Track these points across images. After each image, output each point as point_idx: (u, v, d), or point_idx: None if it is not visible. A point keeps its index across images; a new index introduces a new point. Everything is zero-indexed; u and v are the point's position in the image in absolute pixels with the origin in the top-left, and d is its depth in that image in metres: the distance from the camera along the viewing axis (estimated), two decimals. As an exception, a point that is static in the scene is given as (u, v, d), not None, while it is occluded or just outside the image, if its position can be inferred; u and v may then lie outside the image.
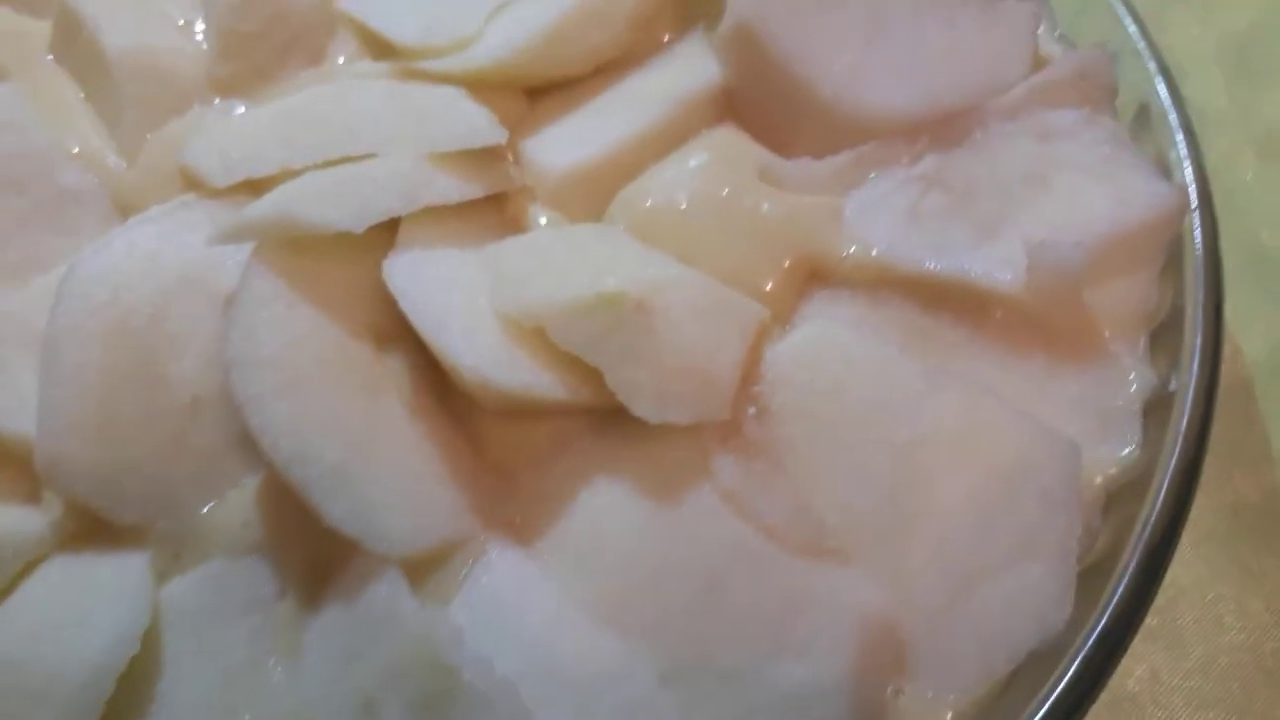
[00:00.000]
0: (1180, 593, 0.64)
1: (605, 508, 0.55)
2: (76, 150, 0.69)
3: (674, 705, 0.50)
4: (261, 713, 0.51)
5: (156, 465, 0.56)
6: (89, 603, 0.53)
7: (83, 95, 0.73)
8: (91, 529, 0.56)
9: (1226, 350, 0.68)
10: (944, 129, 0.64)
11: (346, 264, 0.59)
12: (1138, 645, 0.65)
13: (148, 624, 0.52)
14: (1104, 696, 0.64)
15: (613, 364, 0.54)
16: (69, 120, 0.71)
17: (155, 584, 0.54)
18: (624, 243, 0.61)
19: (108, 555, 0.55)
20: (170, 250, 0.61)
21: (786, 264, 0.62)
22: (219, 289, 0.60)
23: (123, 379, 0.57)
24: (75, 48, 0.73)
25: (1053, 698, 0.47)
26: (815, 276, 0.63)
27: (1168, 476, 0.51)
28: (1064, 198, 0.60)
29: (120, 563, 0.55)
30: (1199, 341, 0.55)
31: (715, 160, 0.65)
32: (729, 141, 0.66)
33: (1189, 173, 0.60)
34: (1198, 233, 0.58)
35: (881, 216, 0.62)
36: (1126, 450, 0.54)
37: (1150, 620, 0.65)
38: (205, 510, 0.57)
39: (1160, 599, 0.66)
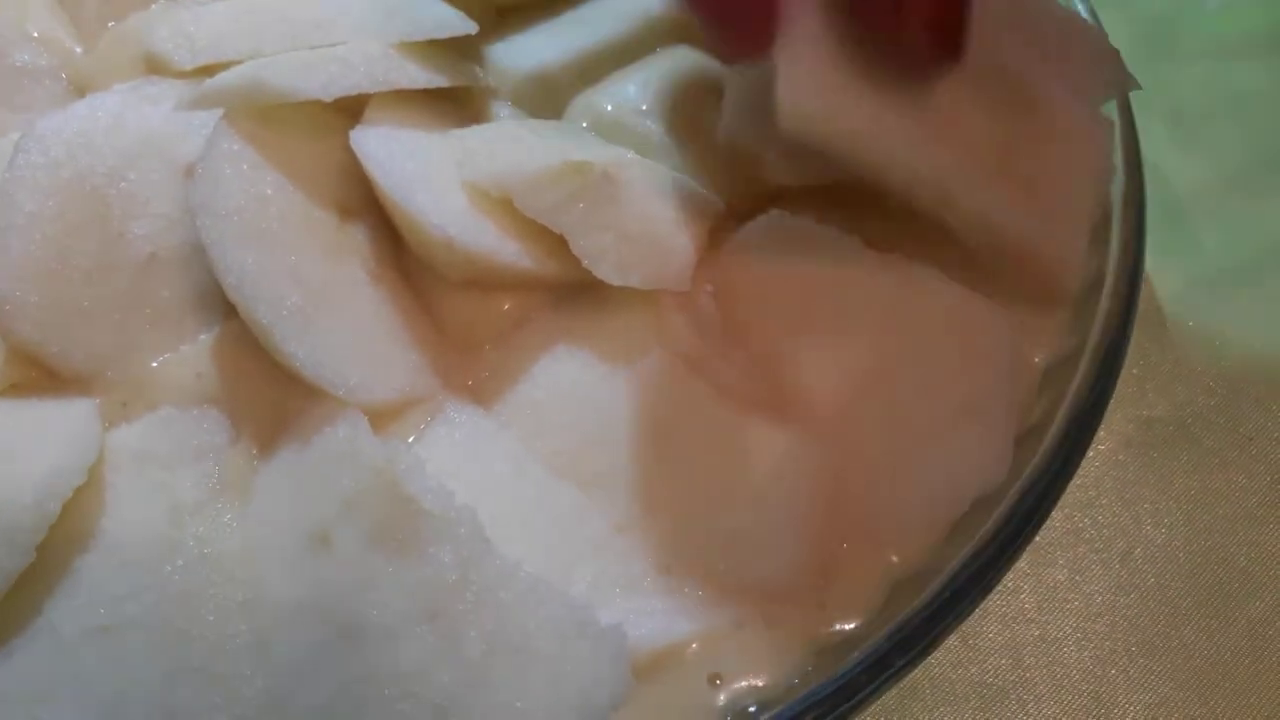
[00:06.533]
0: (1101, 493, 0.68)
1: (563, 371, 0.56)
2: (35, 35, 0.69)
3: (630, 547, 0.51)
4: (207, 550, 0.50)
5: (108, 314, 0.56)
6: (33, 439, 0.51)
7: (42, -11, 0.72)
8: (35, 381, 0.55)
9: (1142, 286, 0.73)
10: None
11: (311, 141, 0.60)
12: (1063, 538, 0.69)
13: (95, 459, 0.51)
14: (1030, 585, 0.67)
15: (578, 229, 0.55)
16: (26, 8, 0.71)
17: (102, 428, 0.53)
18: (587, 134, 0.63)
19: (52, 401, 0.54)
20: (132, 118, 0.61)
21: (741, 183, 0.65)
22: (180, 158, 0.60)
23: (77, 230, 0.56)
24: (37, -58, 0.73)
25: (992, 537, 0.48)
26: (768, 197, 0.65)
27: (1097, 349, 0.54)
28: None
29: (66, 406, 0.54)
30: (1124, 237, 0.58)
31: (676, 74, 0.68)
32: (689, 59, 0.69)
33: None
34: (1119, 148, 0.62)
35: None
36: (1061, 332, 0.57)
37: (1074, 519, 0.69)
38: (156, 363, 0.56)
39: (1083, 496, 0.70)
